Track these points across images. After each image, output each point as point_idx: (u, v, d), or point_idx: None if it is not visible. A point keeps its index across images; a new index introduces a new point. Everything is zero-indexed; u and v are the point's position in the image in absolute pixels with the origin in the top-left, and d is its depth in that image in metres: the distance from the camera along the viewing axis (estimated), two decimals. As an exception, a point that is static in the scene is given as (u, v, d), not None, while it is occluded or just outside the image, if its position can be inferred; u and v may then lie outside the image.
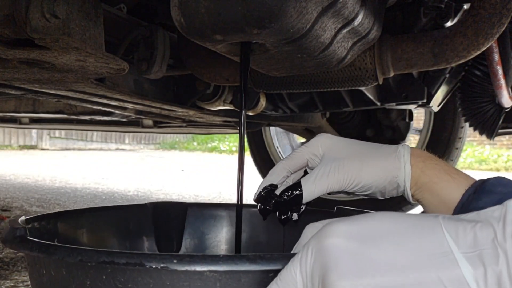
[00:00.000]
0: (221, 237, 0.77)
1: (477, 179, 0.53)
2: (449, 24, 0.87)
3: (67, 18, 0.61)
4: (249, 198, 0.64)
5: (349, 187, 0.57)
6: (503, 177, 0.51)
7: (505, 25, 0.71)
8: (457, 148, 1.86)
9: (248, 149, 2.38)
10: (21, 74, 0.75)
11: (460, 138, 1.86)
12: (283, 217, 0.59)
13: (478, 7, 0.72)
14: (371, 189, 0.57)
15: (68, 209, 0.66)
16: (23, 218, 0.54)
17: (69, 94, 0.95)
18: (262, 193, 0.60)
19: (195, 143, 11.01)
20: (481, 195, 0.49)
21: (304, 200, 0.57)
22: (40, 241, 0.45)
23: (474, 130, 1.12)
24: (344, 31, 0.61)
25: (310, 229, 0.47)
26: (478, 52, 0.75)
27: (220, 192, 3.19)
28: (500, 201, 0.46)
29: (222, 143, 10.38)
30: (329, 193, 0.61)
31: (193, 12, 0.51)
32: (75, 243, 0.63)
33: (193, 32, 0.53)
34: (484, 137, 1.13)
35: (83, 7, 0.63)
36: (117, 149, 9.81)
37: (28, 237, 0.47)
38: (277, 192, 0.59)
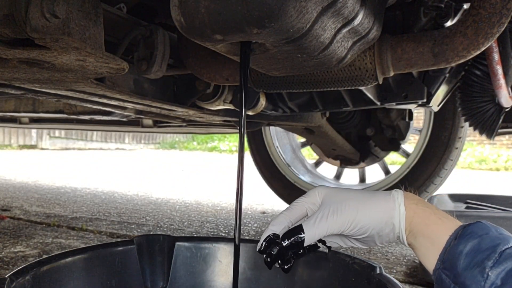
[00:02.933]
0: (209, 272, 0.76)
1: (463, 223, 0.57)
2: (449, 24, 0.87)
3: (67, 18, 0.61)
4: (249, 198, 0.65)
5: (348, 229, 0.59)
6: (482, 222, 0.55)
7: (505, 25, 0.71)
8: (457, 148, 1.86)
9: (248, 149, 2.38)
10: (21, 74, 0.75)
11: (460, 137, 1.86)
12: (286, 267, 0.63)
13: (478, 7, 0.72)
14: (369, 231, 0.60)
15: (54, 254, 0.65)
16: (7, 277, 0.52)
17: (69, 94, 0.94)
18: (265, 242, 0.62)
19: (195, 143, 11.01)
20: (460, 240, 0.53)
21: (306, 243, 0.60)
22: None
23: (474, 130, 1.12)
24: (344, 30, 0.61)
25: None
26: (478, 52, 0.75)
27: (220, 192, 3.19)
28: (478, 244, 0.51)
29: (222, 143, 10.38)
30: (326, 242, 0.64)
31: (193, 12, 0.51)
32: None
33: (193, 32, 0.53)
34: (484, 137, 1.13)
35: (83, 7, 0.63)
36: (117, 148, 9.80)
37: None
38: (279, 239, 0.62)
